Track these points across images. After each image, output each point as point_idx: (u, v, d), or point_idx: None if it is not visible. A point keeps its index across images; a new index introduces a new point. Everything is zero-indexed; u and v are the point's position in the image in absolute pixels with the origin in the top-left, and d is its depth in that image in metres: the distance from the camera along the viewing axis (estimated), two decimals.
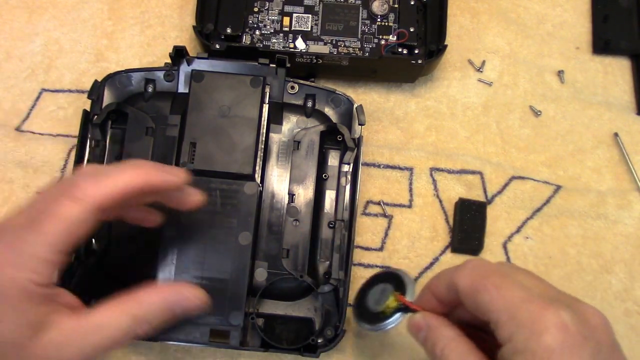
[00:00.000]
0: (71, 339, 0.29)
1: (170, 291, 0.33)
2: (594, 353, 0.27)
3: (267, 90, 0.44)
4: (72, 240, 0.29)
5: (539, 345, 0.27)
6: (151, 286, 0.32)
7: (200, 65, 0.45)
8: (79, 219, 0.29)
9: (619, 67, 0.53)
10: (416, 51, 0.49)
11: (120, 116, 0.44)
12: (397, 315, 0.35)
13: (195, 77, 0.43)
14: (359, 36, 0.50)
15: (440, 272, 0.34)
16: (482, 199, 0.48)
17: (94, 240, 0.43)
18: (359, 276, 0.46)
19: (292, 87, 0.45)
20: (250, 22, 0.50)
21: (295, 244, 0.43)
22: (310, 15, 0.50)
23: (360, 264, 0.47)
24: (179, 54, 0.44)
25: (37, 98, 0.50)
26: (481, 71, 0.52)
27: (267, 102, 0.44)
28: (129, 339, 0.31)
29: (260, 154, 0.43)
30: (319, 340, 0.41)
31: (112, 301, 0.31)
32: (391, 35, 0.50)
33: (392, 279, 0.37)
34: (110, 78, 0.45)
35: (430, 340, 0.32)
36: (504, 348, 0.28)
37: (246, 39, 0.49)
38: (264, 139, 0.43)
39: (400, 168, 0.49)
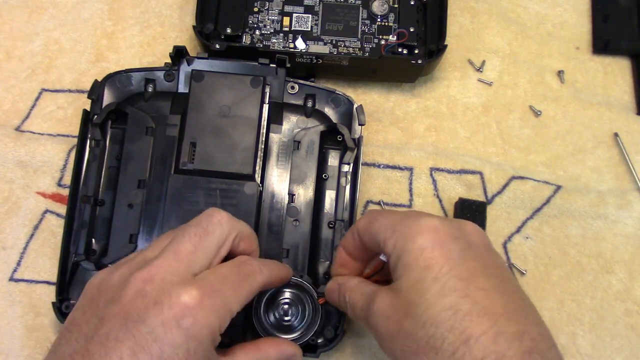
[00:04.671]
0: None
1: (286, 346, 0.38)
2: (462, 248, 0.31)
3: (267, 90, 0.44)
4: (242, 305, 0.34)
5: (413, 245, 0.31)
6: (269, 339, 0.38)
7: (200, 65, 0.45)
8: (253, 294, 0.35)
9: (619, 67, 0.53)
10: (416, 51, 0.49)
11: (120, 116, 0.44)
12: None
13: (195, 77, 0.43)
14: (359, 36, 0.50)
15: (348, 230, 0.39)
16: (482, 199, 0.48)
17: (93, 240, 0.43)
18: None
19: (292, 87, 0.45)
20: (250, 22, 0.50)
21: (295, 244, 0.43)
22: (310, 15, 0.50)
23: None
24: (179, 54, 0.44)
25: (37, 98, 0.50)
26: (481, 71, 0.52)
27: (267, 102, 0.44)
28: None
29: (260, 154, 0.43)
30: (319, 340, 0.41)
31: (239, 346, 0.36)
32: (391, 35, 0.50)
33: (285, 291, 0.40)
34: (110, 78, 0.45)
35: (341, 294, 0.37)
36: (390, 258, 0.33)
37: (246, 39, 0.49)
38: (264, 139, 0.43)
39: (400, 168, 0.49)
